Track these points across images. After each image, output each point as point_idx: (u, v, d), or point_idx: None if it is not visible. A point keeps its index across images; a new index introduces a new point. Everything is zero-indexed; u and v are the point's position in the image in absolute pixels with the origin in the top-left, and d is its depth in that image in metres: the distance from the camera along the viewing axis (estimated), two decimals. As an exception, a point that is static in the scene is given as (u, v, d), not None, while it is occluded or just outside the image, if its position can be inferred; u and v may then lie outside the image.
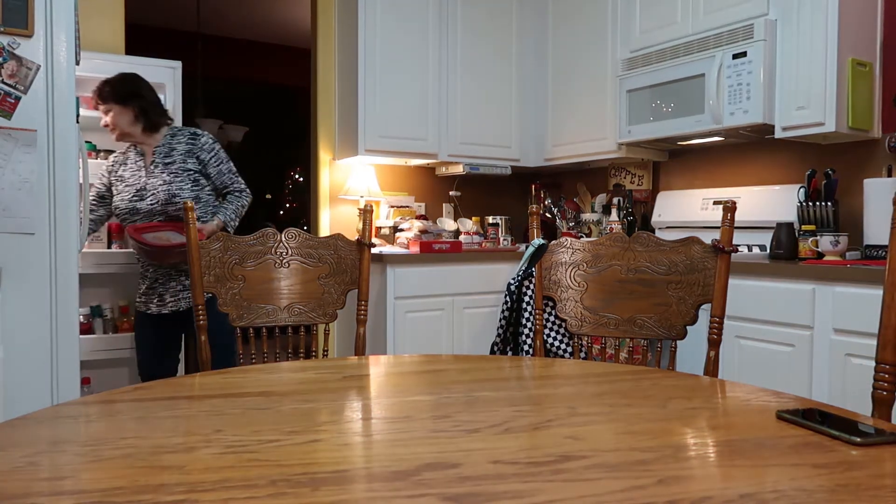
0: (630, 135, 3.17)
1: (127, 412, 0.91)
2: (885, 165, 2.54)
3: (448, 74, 3.65)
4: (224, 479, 0.66)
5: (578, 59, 3.58)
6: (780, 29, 2.60)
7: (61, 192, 2.07)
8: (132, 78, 2.48)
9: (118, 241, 3.03)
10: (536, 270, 1.63)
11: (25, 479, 0.66)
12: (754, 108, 2.62)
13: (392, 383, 1.11)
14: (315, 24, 3.73)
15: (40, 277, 2.03)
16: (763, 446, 0.76)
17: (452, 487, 0.64)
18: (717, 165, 3.24)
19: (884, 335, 1.05)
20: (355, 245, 1.75)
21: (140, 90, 2.46)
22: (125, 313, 3.08)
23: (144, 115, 2.45)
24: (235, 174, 2.57)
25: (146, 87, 2.49)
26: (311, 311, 1.69)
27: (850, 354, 2.08)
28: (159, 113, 2.51)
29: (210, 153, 2.50)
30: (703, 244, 1.51)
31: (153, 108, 2.48)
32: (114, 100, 2.41)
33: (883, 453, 0.74)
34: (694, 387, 1.07)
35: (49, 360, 2.05)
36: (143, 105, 2.44)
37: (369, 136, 3.44)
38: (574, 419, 0.87)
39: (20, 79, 1.98)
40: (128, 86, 2.45)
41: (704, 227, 3.11)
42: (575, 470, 0.68)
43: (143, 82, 2.49)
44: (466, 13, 3.70)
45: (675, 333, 1.51)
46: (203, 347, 1.54)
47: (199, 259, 1.57)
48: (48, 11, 2.02)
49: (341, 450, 0.75)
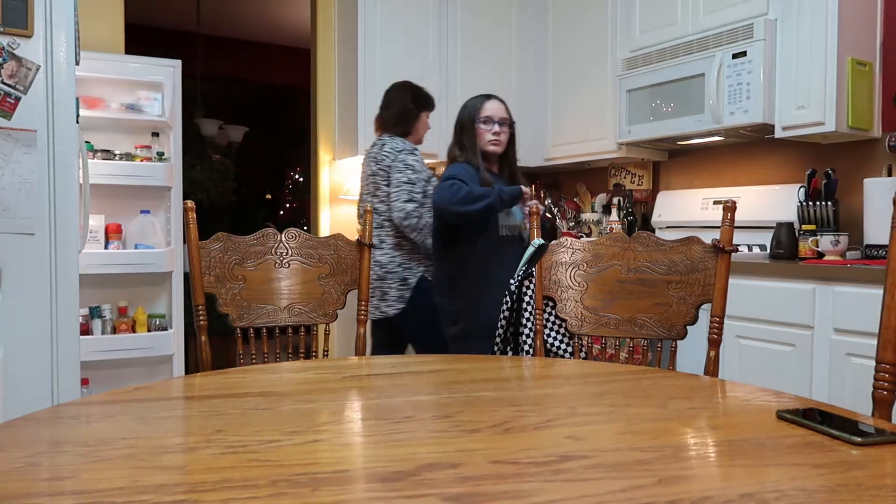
0: (630, 134, 3.17)
1: (127, 412, 0.91)
2: (885, 165, 2.54)
3: (448, 74, 3.65)
4: (224, 480, 0.66)
5: (578, 59, 3.58)
6: (779, 28, 2.60)
7: (61, 192, 2.06)
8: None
9: (114, 240, 3.02)
10: (536, 270, 1.63)
11: (26, 479, 0.66)
12: (754, 108, 2.62)
13: (392, 383, 1.11)
14: (315, 24, 3.73)
15: (40, 277, 2.03)
16: (763, 446, 0.76)
17: (453, 487, 0.64)
18: (717, 165, 3.24)
19: (884, 335, 1.05)
20: (355, 245, 1.75)
21: None
22: (123, 314, 3.08)
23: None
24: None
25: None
26: (312, 312, 1.69)
27: (851, 354, 2.08)
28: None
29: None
30: (704, 244, 1.51)
31: None
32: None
33: (883, 453, 0.74)
34: (694, 387, 1.07)
35: (49, 360, 2.05)
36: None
37: (369, 136, 3.43)
38: (574, 419, 0.87)
39: (20, 79, 1.98)
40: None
41: (704, 226, 3.11)
42: (575, 470, 0.68)
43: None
44: (466, 14, 3.70)
45: (676, 333, 1.51)
46: (203, 348, 1.54)
47: (199, 259, 1.57)
48: (48, 12, 2.02)
49: (341, 450, 0.75)
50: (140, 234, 3.08)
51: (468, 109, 2.38)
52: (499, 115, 2.35)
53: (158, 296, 3.24)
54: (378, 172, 2.62)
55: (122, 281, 3.09)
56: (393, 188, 2.53)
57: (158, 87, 3.10)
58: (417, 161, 2.59)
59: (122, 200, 3.12)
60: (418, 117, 2.73)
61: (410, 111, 2.70)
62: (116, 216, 3.10)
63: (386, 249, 2.63)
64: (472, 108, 2.37)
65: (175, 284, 3.15)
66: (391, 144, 2.61)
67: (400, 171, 2.53)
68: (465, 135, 2.35)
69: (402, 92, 2.72)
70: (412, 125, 2.71)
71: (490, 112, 2.34)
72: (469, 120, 2.35)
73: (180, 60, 3.13)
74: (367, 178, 2.70)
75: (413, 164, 2.56)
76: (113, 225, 3.04)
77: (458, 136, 2.38)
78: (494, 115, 2.34)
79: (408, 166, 2.54)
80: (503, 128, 2.35)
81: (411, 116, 2.70)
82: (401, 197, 2.51)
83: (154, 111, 3.10)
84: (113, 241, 3.02)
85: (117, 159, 3.02)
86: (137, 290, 3.18)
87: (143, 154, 3.09)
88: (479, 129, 2.33)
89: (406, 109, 2.70)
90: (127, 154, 3.06)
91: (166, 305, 3.22)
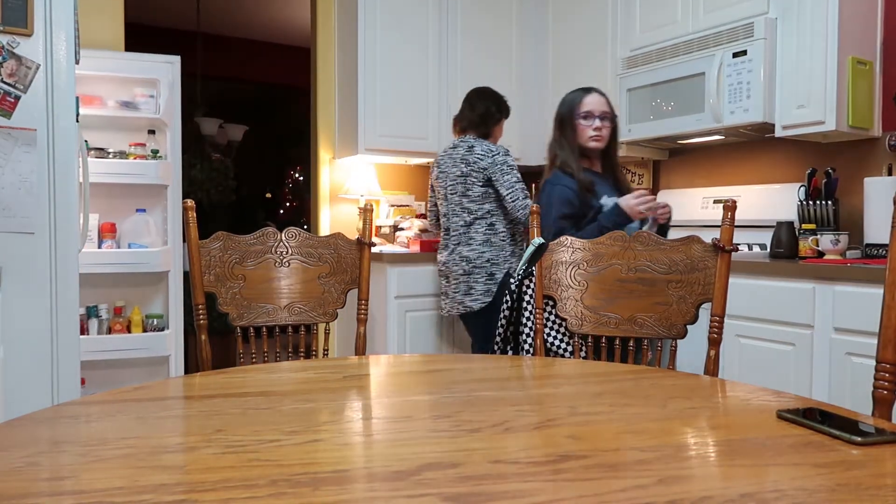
0: (630, 133, 3.16)
1: (127, 412, 0.91)
2: (885, 164, 2.54)
3: (448, 73, 3.65)
4: (224, 479, 0.65)
5: (578, 58, 3.58)
6: (780, 27, 2.60)
7: (61, 191, 2.06)
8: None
9: (108, 239, 2.99)
10: (536, 270, 1.62)
11: (25, 479, 0.66)
12: (754, 107, 2.62)
13: (392, 383, 1.11)
14: (315, 23, 3.73)
15: (40, 277, 2.03)
16: (763, 446, 0.76)
17: (453, 487, 0.63)
18: (717, 164, 3.24)
19: (884, 334, 1.05)
20: (355, 244, 1.75)
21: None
22: (119, 314, 3.05)
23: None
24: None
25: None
26: (312, 311, 1.69)
27: (851, 353, 2.08)
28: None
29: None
30: (704, 243, 1.51)
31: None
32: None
33: (883, 453, 0.74)
34: (694, 386, 1.07)
35: (49, 360, 2.05)
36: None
37: (369, 135, 3.43)
38: (574, 419, 0.87)
39: (20, 78, 1.98)
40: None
41: (705, 225, 3.11)
42: (575, 469, 0.68)
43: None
44: (466, 13, 3.70)
45: (676, 332, 1.51)
46: (203, 347, 1.54)
47: (199, 258, 1.57)
48: (48, 11, 2.02)
49: (342, 449, 0.75)
50: (134, 234, 3.05)
51: (567, 104, 2.28)
52: (599, 110, 2.24)
53: (155, 296, 3.21)
54: (471, 174, 2.75)
55: (119, 280, 3.07)
56: (506, 189, 2.70)
57: (154, 83, 3.07)
58: (512, 159, 2.78)
59: (116, 199, 3.09)
60: (499, 122, 2.90)
61: (493, 114, 2.86)
62: (111, 215, 3.07)
63: (474, 245, 2.77)
64: (570, 102, 2.27)
65: (172, 284, 3.09)
66: (481, 147, 2.76)
67: (506, 172, 2.71)
68: (564, 131, 2.26)
69: (487, 97, 2.88)
70: (492, 128, 2.87)
71: (590, 106, 2.23)
72: (568, 115, 2.25)
73: (179, 56, 3.10)
74: (454, 179, 2.81)
75: (513, 164, 2.75)
76: (107, 224, 3.01)
77: (558, 133, 2.28)
78: (595, 109, 2.23)
79: (510, 167, 2.73)
80: (604, 122, 2.23)
81: (493, 120, 2.86)
82: (519, 196, 2.70)
83: (150, 108, 3.06)
84: (106, 241, 2.97)
85: (111, 157, 2.98)
86: (134, 290, 3.15)
87: (137, 152, 3.05)
88: (578, 125, 2.23)
89: (490, 112, 2.85)
90: (121, 152, 3.02)
91: (164, 305, 3.20)
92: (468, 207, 2.78)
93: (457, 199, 2.81)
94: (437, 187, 2.94)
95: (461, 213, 2.80)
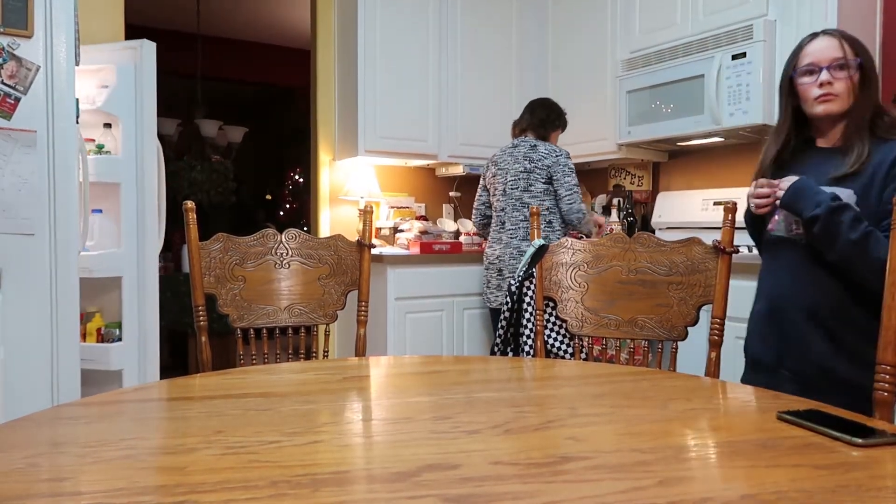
0: (630, 135, 3.17)
1: (127, 413, 0.91)
2: (885, 166, 2.53)
3: (448, 75, 3.65)
4: (224, 480, 0.65)
5: (578, 60, 3.58)
6: (779, 29, 2.60)
7: (61, 192, 2.06)
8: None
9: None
10: (537, 271, 1.62)
11: (25, 480, 0.66)
12: (754, 109, 2.62)
13: (392, 384, 1.11)
14: (315, 24, 3.73)
15: (40, 278, 2.03)
16: (764, 447, 0.76)
17: (453, 488, 0.63)
18: (717, 166, 3.24)
19: (884, 336, 1.05)
20: (355, 246, 1.75)
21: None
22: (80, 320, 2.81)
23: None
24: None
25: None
26: (312, 312, 1.69)
27: (851, 355, 2.07)
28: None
29: None
30: (704, 245, 1.51)
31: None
32: None
33: (884, 454, 0.74)
34: (695, 388, 1.07)
35: (49, 360, 2.05)
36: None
37: (369, 137, 3.43)
38: (575, 420, 0.87)
39: (20, 79, 1.98)
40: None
41: (705, 227, 3.11)
42: (575, 471, 0.68)
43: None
44: (466, 15, 3.70)
45: (676, 334, 1.51)
46: (203, 349, 1.54)
47: (199, 259, 1.57)
48: (48, 12, 2.02)
49: (342, 451, 0.75)
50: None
51: (787, 62, 1.57)
52: (829, 57, 1.46)
53: (115, 304, 2.73)
54: (534, 170, 2.88)
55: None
56: (565, 190, 2.85)
57: (110, 73, 2.68)
58: (572, 163, 2.92)
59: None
60: (556, 129, 3.04)
61: (553, 121, 3.01)
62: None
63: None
64: (790, 57, 1.56)
65: (127, 291, 2.65)
66: (544, 146, 2.89)
67: (567, 174, 2.85)
68: (782, 101, 1.59)
69: (548, 106, 3.03)
70: (550, 134, 3.01)
71: (815, 56, 1.48)
72: (785, 76, 1.57)
73: (145, 40, 2.68)
74: (516, 175, 2.92)
75: (573, 167, 2.89)
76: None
77: (780, 105, 1.61)
78: (821, 58, 1.47)
79: (571, 169, 2.87)
80: (839, 73, 1.45)
81: (552, 126, 3.01)
82: (576, 199, 2.86)
83: (101, 101, 2.67)
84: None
85: None
86: (103, 296, 2.74)
87: (88, 147, 2.57)
88: (799, 85, 1.51)
89: (549, 119, 3.00)
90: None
91: (119, 313, 2.71)
92: (528, 202, 2.89)
93: (517, 193, 2.92)
94: (495, 184, 3.03)
95: (521, 207, 2.91)
